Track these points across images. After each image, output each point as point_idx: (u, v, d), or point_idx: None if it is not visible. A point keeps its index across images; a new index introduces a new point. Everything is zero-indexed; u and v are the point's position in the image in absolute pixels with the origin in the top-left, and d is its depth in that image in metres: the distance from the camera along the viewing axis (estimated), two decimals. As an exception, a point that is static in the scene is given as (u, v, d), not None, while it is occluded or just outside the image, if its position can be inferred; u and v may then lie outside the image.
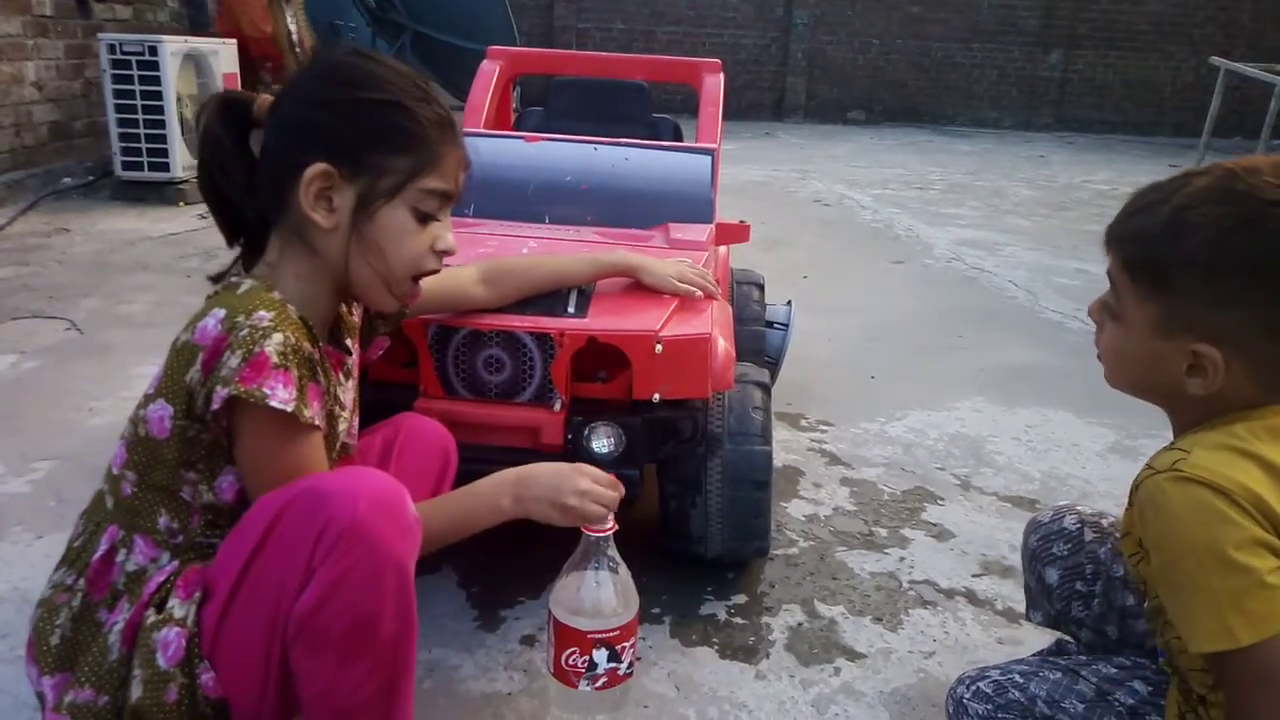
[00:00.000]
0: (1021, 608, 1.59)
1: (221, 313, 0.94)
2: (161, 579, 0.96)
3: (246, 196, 1.05)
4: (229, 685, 0.91)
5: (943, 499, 1.98)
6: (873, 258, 4.23)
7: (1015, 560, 1.75)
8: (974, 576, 1.69)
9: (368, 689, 0.90)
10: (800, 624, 1.53)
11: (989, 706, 1.09)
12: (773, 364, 2.32)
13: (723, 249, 2.26)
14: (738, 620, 1.53)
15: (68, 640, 0.97)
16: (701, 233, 1.70)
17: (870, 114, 10.98)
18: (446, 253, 1.09)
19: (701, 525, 1.53)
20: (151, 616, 0.93)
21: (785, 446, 2.18)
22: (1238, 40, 10.74)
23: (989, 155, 8.34)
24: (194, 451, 0.96)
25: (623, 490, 1.14)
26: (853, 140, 9.14)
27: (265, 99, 1.06)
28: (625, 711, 1.20)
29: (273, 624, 0.88)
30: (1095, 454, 2.24)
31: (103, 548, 0.99)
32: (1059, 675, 1.08)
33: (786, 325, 2.34)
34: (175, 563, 0.98)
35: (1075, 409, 2.50)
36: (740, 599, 1.58)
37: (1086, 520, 1.23)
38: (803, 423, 2.35)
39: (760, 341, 2.25)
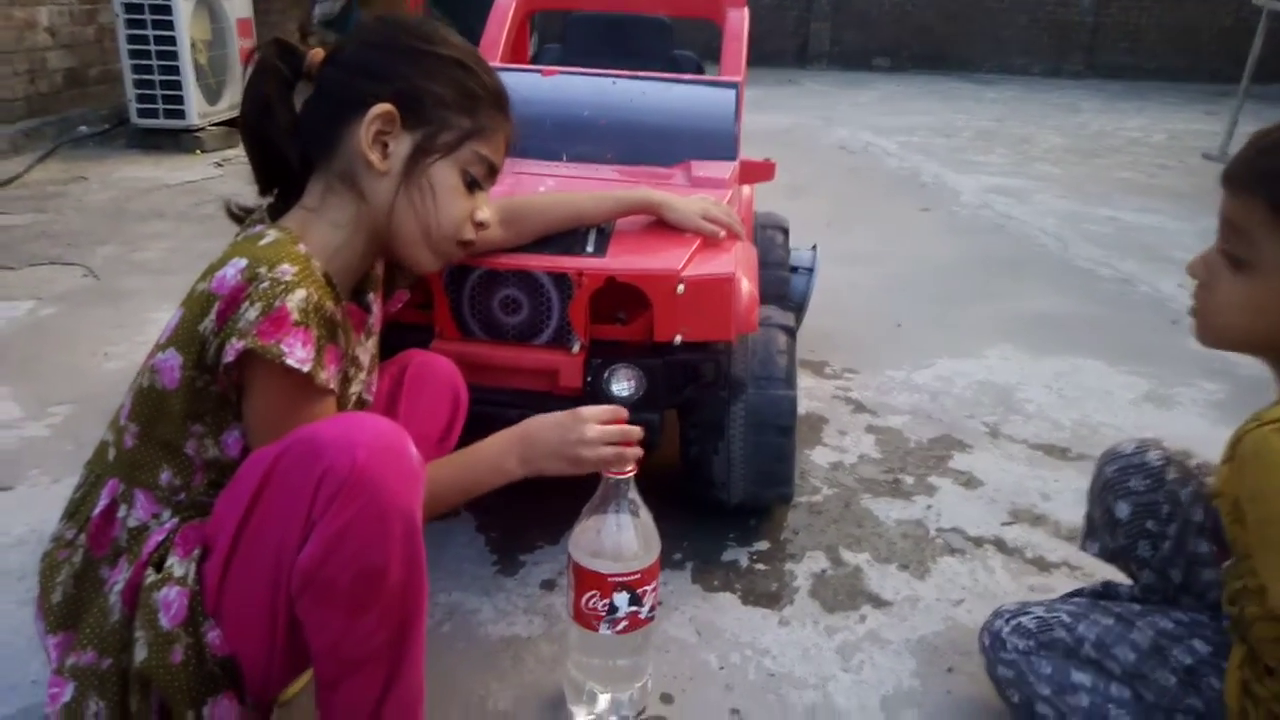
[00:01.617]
0: (1053, 556, 1.56)
1: (243, 262, 0.89)
2: (160, 537, 0.92)
3: (291, 138, 1.01)
4: (236, 642, 0.88)
5: (971, 446, 1.94)
6: (899, 205, 4.14)
7: (1046, 508, 1.71)
8: (1003, 525, 1.65)
9: (378, 638, 0.87)
10: (824, 571, 1.50)
11: (1030, 643, 1.05)
12: (796, 309, 2.27)
13: (746, 190, 2.19)
14: (760, 567, 1.50)
15: (70, 598, 0.94)
16: (725, 170, 1.64)
17: (896, 61, 10.71)
18: (482, 225, 1.10)
19: (724, 471, 1.49)
20: (151, 576, 0.89)
21: (809, 394, 2.14)
22: (1281, -19, 10.31)
23: (1017, 102, 8.12)
24: (201, 404, 0.93)
25: (626, 415, 1.10)
26: (878, 87, 8.92)
27: (318, 53, 1.04)
28: (646, 656, 1.18)
29: (275, 579, 0.85)
30: (1128, 402, 2.18)
31: (103, 502, 0.96)
32: (1111, 621, 1.04)
33: (811, 270, 2.28)
34: (175, 520, 0.95)
35: (1107, 357, 2.43)
36: (763, 545, 1.55)
37: (1172, 458, 1.15)
38: (827, 370, 2.30)
39: (784, 287, 2.20)
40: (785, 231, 2.25)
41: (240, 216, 1.06)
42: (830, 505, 1.69)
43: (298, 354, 0.88)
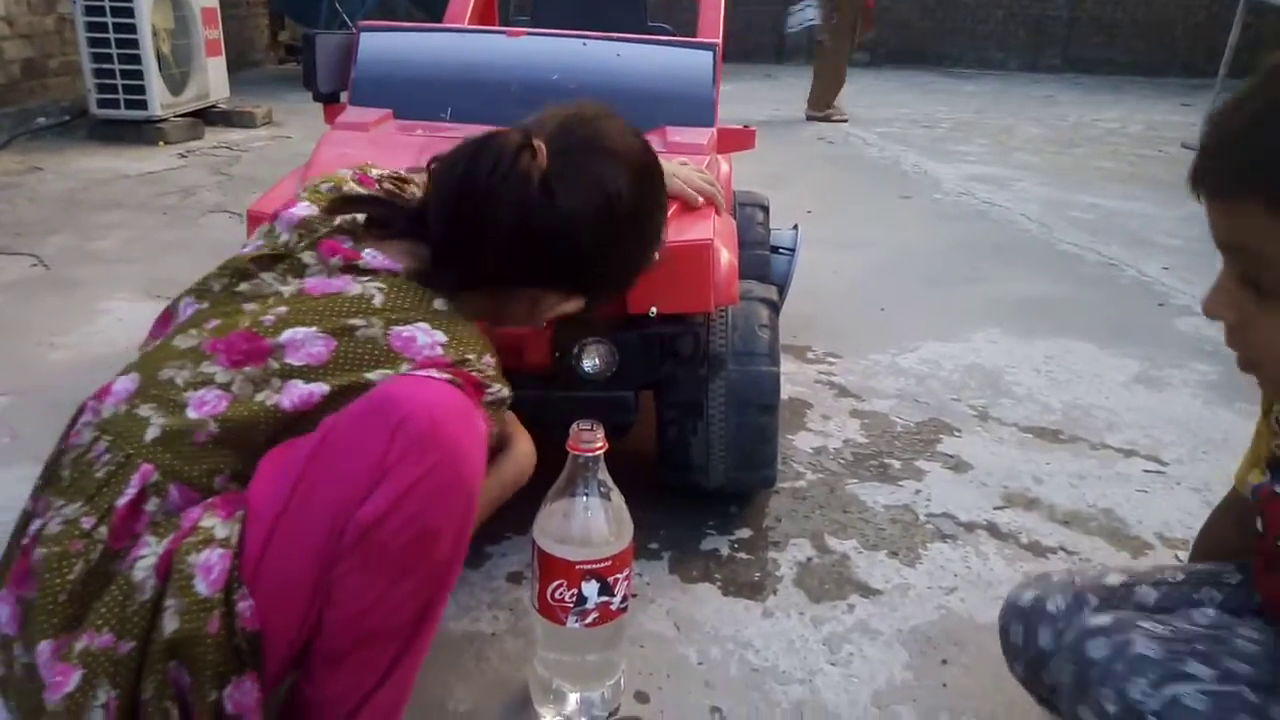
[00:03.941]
0: (1049, 540, 1.49)
1: (444, 337, 0.88)
2: (200, 512, 0.81)
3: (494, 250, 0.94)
4: (266, 614, 0.79)
5: (959, 430, 1.86)
6: (880, 193, 4.07)
7: (1039, 492, 1.64)
8: (995, 509, 1.57)
9: (405, 611, 0.82)
10: (810, 559, 1.41)
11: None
12: (778, 291, 2.18)
13: (725, 166, 2.11)
14: (742, 556, 1.41)
15: (77, 596, 0.79)
16: (702, 136, 1.55)
17: (874, 55, 10.67)
18: None
19: (703, 453, 1.41)
20: (187, 540, 0.79)
21: (791, 379, 2.06)
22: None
23: (996, 95, 8.10)
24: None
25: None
26: (857, 81, 8.83)
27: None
28: (618, 651, 1.09)
29: (329, 534, 0.78)
30: (1119, 384, 2.12)
31: (131, 491, 0.82)
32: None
33: (793, 250, 2.20)
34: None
35: (1096, 340, 2.37)
36: (744, 533, 1.47)
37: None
38: (809, 355, 2.22)
39: (765, 266, 2.11)
40: (765, 210, 2.17)
41: (420, 274, 0.95)
42: (814, 491, 1.60)
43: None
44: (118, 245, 2.88)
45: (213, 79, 4.99)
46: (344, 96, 1.74)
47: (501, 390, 0.92)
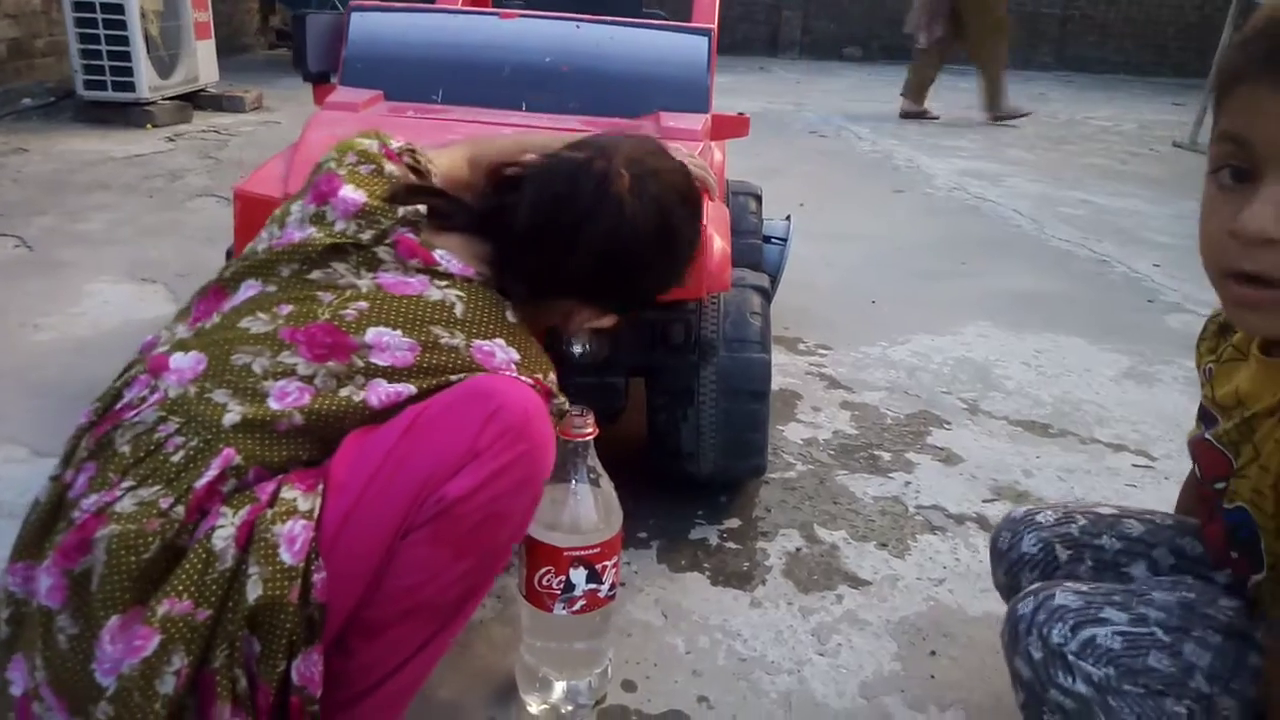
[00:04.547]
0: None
1: (518, 356, 0.93)
2: (274, 486, 0.83)
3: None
4: (335, 587, 0.81)
5: (949, 423, 1.86)
6: (872, 187, 4.06)
7: (1029, 485, 1.63)
8: (985, 501, 1.57)
9: (455, 591, 0.86)
10: (799, 549, 1.40)
11: (1111, 672, 0.79)
12: (770, 281, 2.17)
13: (719, 154, 2.10)
14: (731, 545, 1.40)
15: (146, 573, 0.78)
16: (696, 122, 1.54)
17: (867, 50, 10.66)
18: None
19: (693, 440, 1.40)
20: (268, 510, 0.80)
21: (782, 370, 2.05)
22: (1246, -23, 10.42)
23: (989, 92, 8.09)
24: None
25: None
26: (849, 76, 8.86)
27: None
28: (606, 640, 1.08)
29: (412, 504, 0.81)
30: (1109, 379, 2.12)
31: (211, 474, 0.82)
32: (1220, 639, 0.80)
33: (785, 240, 2.19)
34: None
35: (1087, 335, 2.37)
36: (734, 523, 1.46)
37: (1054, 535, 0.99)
38: (800, 346, 2.21)
39: (757, 256, 2.10)
40: (758, 199, 2.16)
41: (493, 282, 0.99)
42: (804, 481, 1.60)
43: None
44: (103, 227, 2.85)
45: (202, 63, 4.93)
46: (335, 78, 1.72)
47: (564, 404, 0.97)
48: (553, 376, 0.97)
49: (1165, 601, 0.84)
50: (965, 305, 2.55)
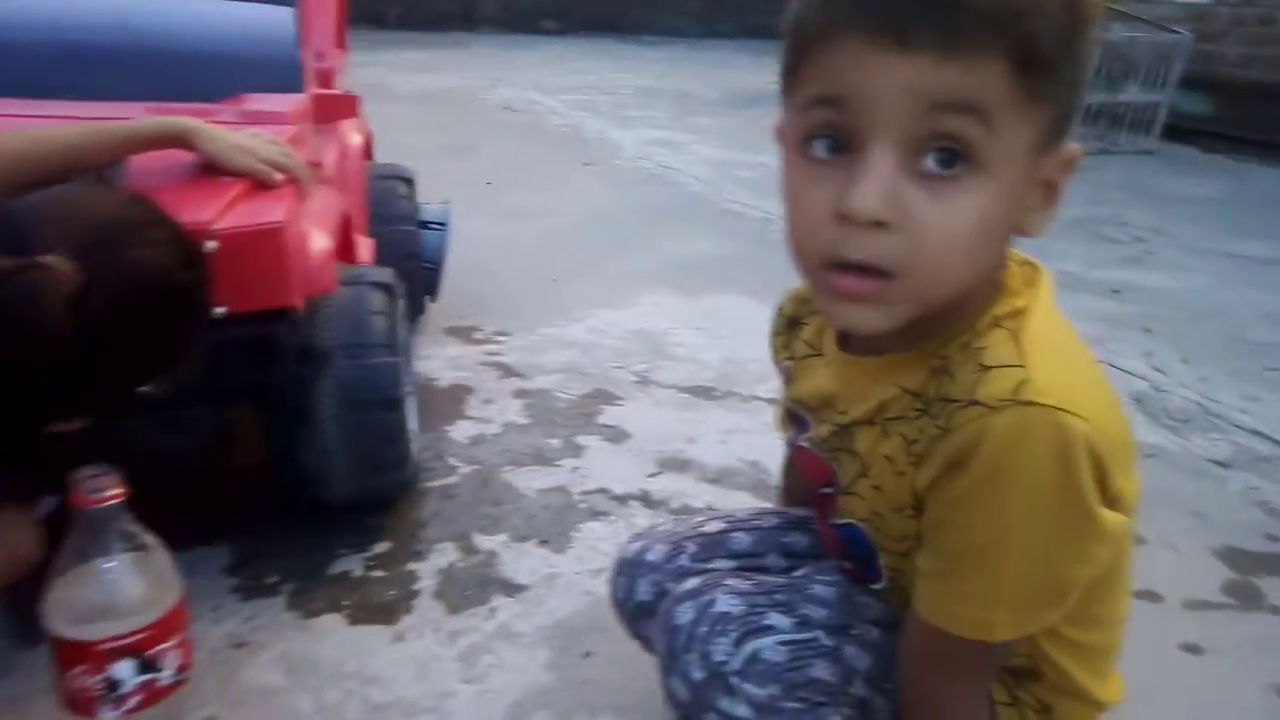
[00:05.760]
0: (697, 502, 1.49)
1: None
2: None
3: None
4: None
5: (621, 399, 1.83)
6: (561, 161, 4.03)
7: (692, 453, 1.63)
8: (649, 476, 1.55)
9: None
10: (453, 564, 1.30)
11: (775, 690, 0.74)
12: (433, 268, 2.04)
13: (357, 138, 1.92)
14: (377, 574, 1.27)
15: None
16: (287, 104, 1.36)
17: (565, 23, 10.70)
18: None
19: (319, 463, 1.23)
20: None
21: (454, 364, 1.93)
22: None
23: (678, 61, 8.39)
24: None
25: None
26: (546, 49, 8.83)
27: None
28: (197, 725, 0.91)
29: None
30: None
31: None
32: (879, 634, 0.77)
33: (444, 224, 2.06)
34: None
35: (754, 293, 2.44)
36: (382, 547, 1.32)
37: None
38: (476, 335, 2.10)
39: (413, 243, 1.96)
40: (409, 182, 2.01)
41: None
42: (466, 486, 1.49)
43: None
44: None
45: None
46: None
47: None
48: None
49: (826, 596, 0.80)
50: (643, 275, 2.56)
